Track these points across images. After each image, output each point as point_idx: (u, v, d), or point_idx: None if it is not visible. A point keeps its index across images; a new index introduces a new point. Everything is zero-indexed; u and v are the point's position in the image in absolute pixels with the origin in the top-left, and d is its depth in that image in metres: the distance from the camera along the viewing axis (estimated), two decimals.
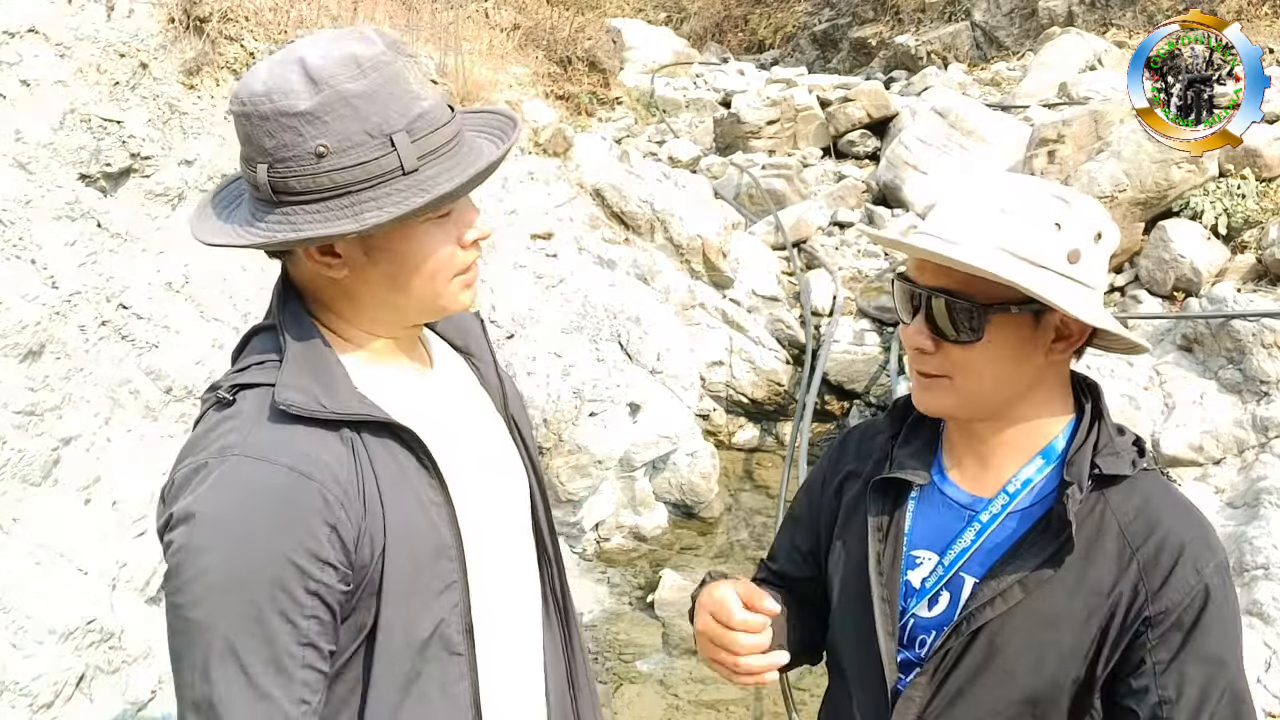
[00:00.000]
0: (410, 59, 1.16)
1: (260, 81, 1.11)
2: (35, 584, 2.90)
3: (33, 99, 3.82)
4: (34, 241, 3.56)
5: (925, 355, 1.23)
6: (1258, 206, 5.61)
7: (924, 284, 1.22)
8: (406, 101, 1.12)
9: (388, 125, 1.10)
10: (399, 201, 1.11)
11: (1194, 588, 1.16)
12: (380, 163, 1.10)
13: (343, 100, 1.09)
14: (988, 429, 1.28)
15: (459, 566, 1.20)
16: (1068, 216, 1.18)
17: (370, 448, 1.15)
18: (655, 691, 3.91)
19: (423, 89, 1.14)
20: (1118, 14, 12.17)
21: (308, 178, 1.10)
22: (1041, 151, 6.88)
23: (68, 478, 3.28)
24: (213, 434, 1.13)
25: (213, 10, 4.50)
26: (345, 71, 1.09)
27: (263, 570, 1.05)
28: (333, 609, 1.10)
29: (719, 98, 11.34)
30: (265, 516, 1.06)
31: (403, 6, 6.38)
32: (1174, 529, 1.20)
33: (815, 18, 17.35)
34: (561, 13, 9.09)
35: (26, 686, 2.72)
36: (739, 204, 7.76)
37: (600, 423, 4.87)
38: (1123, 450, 1.25)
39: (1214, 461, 4.42)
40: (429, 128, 1.13)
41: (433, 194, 1.12)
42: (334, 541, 1.09)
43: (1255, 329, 4.57)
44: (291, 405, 1.11)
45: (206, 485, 1.07)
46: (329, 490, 1.09)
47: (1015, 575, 1.21)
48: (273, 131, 1.09)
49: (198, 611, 1.05)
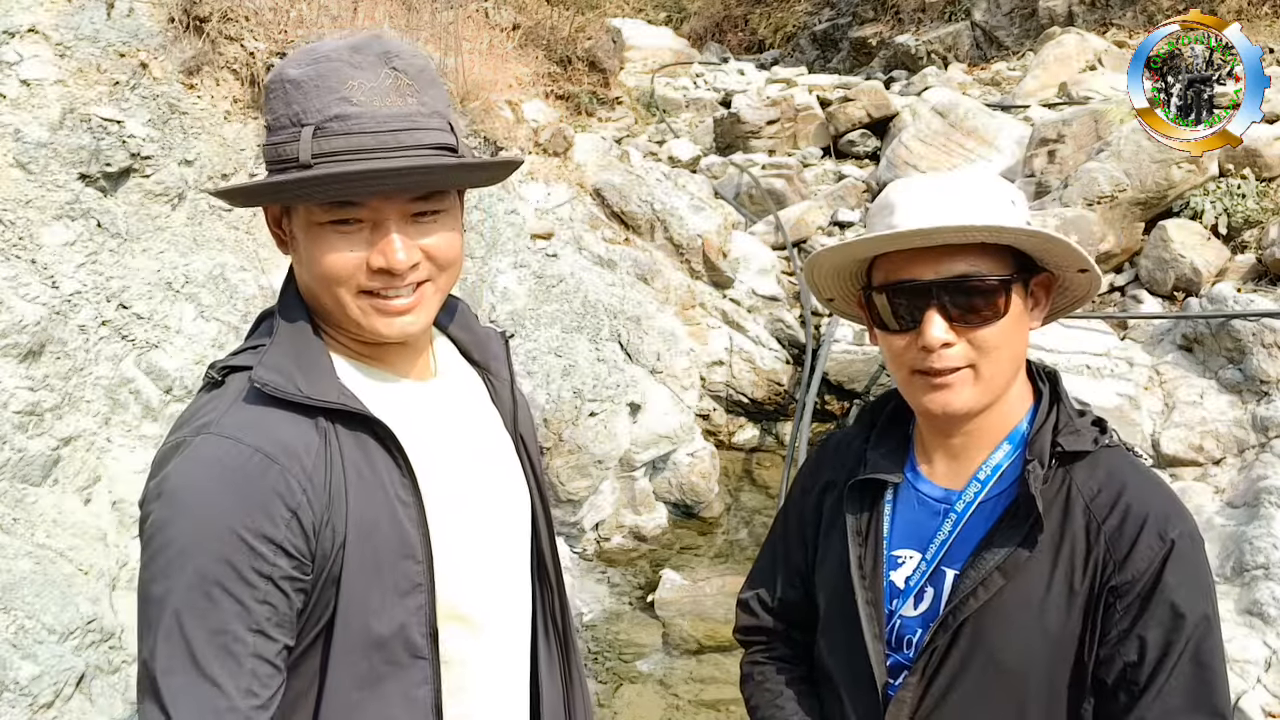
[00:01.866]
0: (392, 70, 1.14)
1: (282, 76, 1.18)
2: (35, 584, 2.90)
3: (33, 99, 3.82)
4: (34, 241, 3.56)
5: (946, 351, 1.21)
6: (1258, 206, 5.61)
7: (934, 278, 1.21)
8: (328, 100, 1.11)
9: (304, 116, 1.12)
10: (266, 184, 1.15)
11: (1156, 553, 1.17)
12: (286, 148, 1.13)
13: (280, 82, 1.14)
14: (976, 420, 1.29)
15: (425, 570, 1.18)
16: (1015, 195, 1.26)
17: (343, 439, 1.14)
18: (655, 691, 3.91)
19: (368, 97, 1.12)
20: (1118, 14, 12.16)
21: (262, 147, 1.19)
22: (1041, 151, 6.88)
23: (68, 478, 3.28)
24: (196, 413, 1.14)
25: (213, 10, 4.50)
26: (301, 58, 1.14)
27: (213, 544, 1.03)
28: (288, 596, 1.08)
29: (719, 98, 11.34)
30: (223, 493, 1.06)
31: (403, 6, 6.38)
32: (1136, 499, 1.21)
33: (815, 17, 17.34)
34: (561, 13, 9.08)
35: (26, 686, 2.72)
36: (739, 204, 7.76)
37: (600, 423, 4.87)
38: (1083, 429, 1.27)
39: (1214, 461, 4.42)
40: (342, 130, 1.11)
41: (275, 179, 1.13)
42: (293, 527, 1.07)
43: (1255, 329, 4.57)
44: (267, 386, 1.11)
45: (176, 462, 1.08)
46: (292, 475, 1.08)
47: (994, 561, 1.22)
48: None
49: (155, 586, 1.05)
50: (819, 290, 1.40)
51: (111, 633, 3.03)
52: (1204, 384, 4.70)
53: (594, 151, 6.64)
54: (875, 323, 1.29)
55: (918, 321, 1.22)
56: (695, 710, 3.76)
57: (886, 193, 1.28)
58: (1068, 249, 1.22)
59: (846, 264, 1.32)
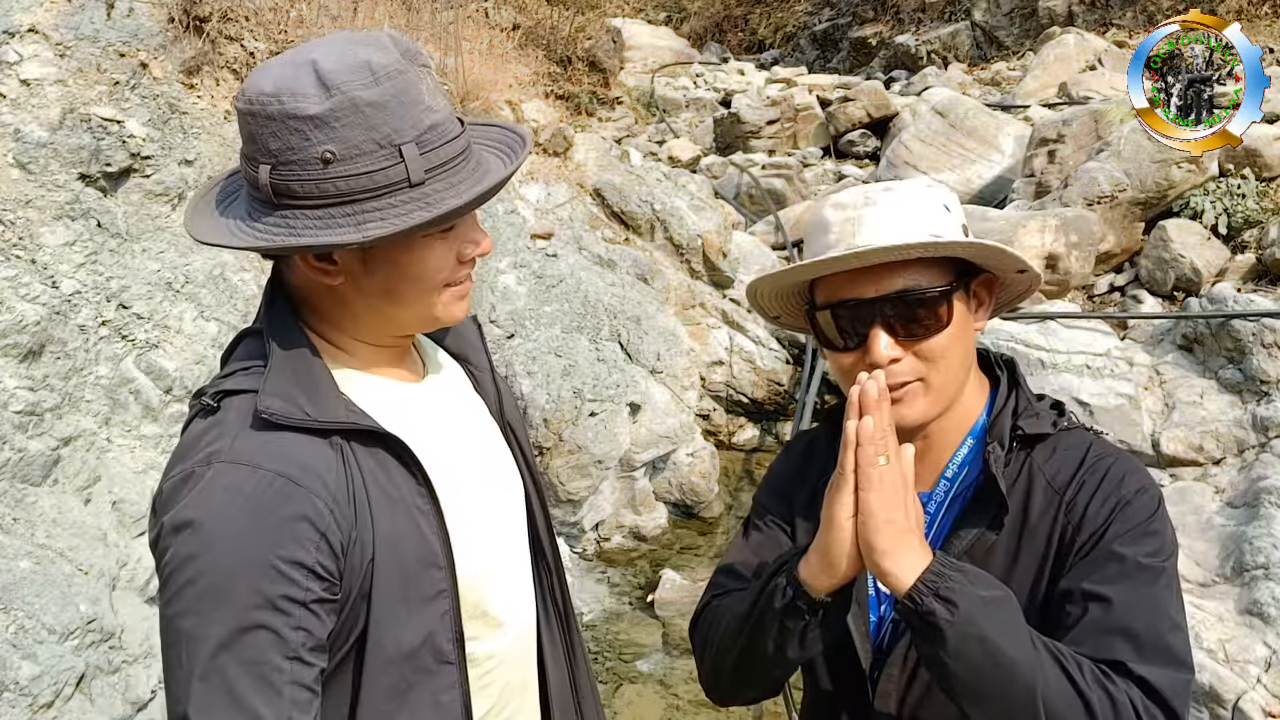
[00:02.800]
0: (424, 69, 1.13)
1: (270, 80, 1.08)
2: (35, 584, 2.90)
3: (33, 99, 3.82)
4: (34, 241, 3.56)
5: (895, 366, 1.22)
6: (1258, 206, 5.62)
7: (875, 295, 1.21)
8: (418, 113, 1.09)
9: (397, 136, 1.08)
10: (403, 214, 1.09)
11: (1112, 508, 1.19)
12: (387, 173, 1.08)
13: (353, 107, 1.06)
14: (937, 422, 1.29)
15: (448, 575, 1.18)
16: (948, 200, 1.26)
17: (359, 455, 1.13)
18: (655, 691, 3.91)
19: (435, 100, 1.12)
20: (1118, 14, 12.17)
21: (311, 183, 1.08)
22: (1041, 151, 6.88)
23: (68, 478, 3.28)
24: (199, 442, 1.10)
25: (213, 10, 4.50)
26: (358, 78, 1.07)
27: (248, 578, 1.02)
28: (322, 619, 1.07)
29: (719, 98, 11.34)
30: (250, 522, 1.04)
31: (403, 6, 6.38)
32: (1094, 468, 1.22)
33: (815, 17, 17.35)
34: (561, 13, 9.08)
35: (26, 686, 2.72)
36: (739, 204, 7.76)
37: (600, 423, 4.87)
38: (1042, 412, 1.29)
39: (1214, 461, 4.42)
40: (438, 140, 1.11)
41: (438, 209, 1.10)
42: (322, 549, 1.06)
43: (1255, 329, 4.57)
44: (274, 414, 1.09)
45: (194, 493, 1.05)
46: (318, 497, 1.07)
47: (961, 546, 1.23)
48: (278, 133, 1.07)
49: (186, 622, 1.03)
50: (764, 311, 1.40)
51: (111, 633, 3.03)
52: (1204, 384, 4.70)
53: (594, 151, 6.64)
54: (822, 341, 1.29)
55: (863, 339, 1.22)
56: (695, 710, 3.76)
57: (820, 210, 1.27)
58: (1002, 254, 1.23)
59: (788, 286, 1.33)
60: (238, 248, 1.13)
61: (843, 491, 1.13)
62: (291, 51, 1.13)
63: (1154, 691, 1.10)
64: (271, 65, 1.11)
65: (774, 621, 1.19)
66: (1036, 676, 1.07)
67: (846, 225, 1.22)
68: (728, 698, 1.41)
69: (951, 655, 1.07)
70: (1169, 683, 1.11)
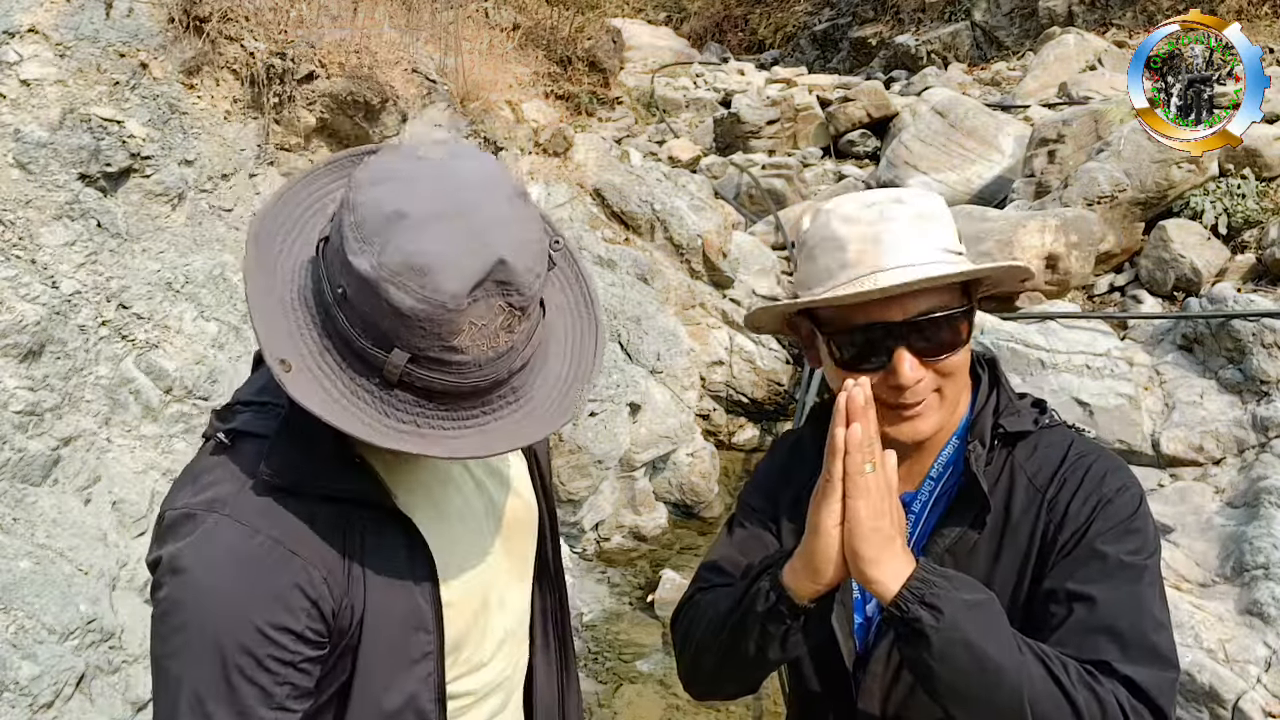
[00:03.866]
0: (504, 308, 1.00)
1: (370, 190, 1.00)
2: (35, 584, 2.90)
3: (33, 99, 3.82)
4: (34, 241, 3.56)
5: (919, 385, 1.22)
6: (1258, 206, 5.62)
7: (903, 319, 1.20)
8: (433, 343, 0.99)
9: (399, 342, 0.99)
10: (354, 410, 1.02)
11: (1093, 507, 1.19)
12: (369, 353, 1.01)
13: (376, 295, 0.97)
14: None
15: (435, 639, 1.18)
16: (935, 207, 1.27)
17: (360, 523, 1.12)
18: (655, 691, 3.91)
19: (479, 345, 1.00)
20: (1118, 14, 12.17)
21: (328, 291, 1.03)
22: (1041, 151, 6.89)
23: (68, 478, 3.28)
24: (205, 478, 1.10)
25: (213, 10, 4.50)
26: (406, 278, 0.96)
27: (236, 639, 1.04)
28: (308, 674, 1.09)
29: (719, 98, 11.34)
30: (243, 586, 1.05)
31: (403, 6, 6.38)
32: (1075, 465, 1.23)
33: (815, 17, 17.35)
34: (561, 13, 9.08)
35: (26, 686, 2.72)
36: (739, 204, 7.76)
37: (600, 423, 4.87)
38: (1023, 410, 1.30)
39: (1214, 461, 4.42)
40: (439, 372, 1.01)
41: (383, 437, 1.02)
42: (313, 615, 1.07)
43: (1255, 329, 4.57)
44: (277, 478, 1.08)
45: (192, 540, 1.06)
46: (313, 567, 1.07)
47: (944, 544, 1.24)
48: (337, 227, 1.01)
49: (173, 663, 1.05)
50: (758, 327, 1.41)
51: (111, 633, 3.03)
52: (1204, 384, 4.70)
53: (594, 151, 6.64)
54: (837, 361, 1.27)
55: (885, 360, 1.21)
56: (695, 710, 3.76)
57: (827, 223, 1.25)
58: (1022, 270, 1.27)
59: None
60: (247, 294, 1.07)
61: (830, 499, 1.13)
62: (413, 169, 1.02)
63: (1140, 690, 1.10)
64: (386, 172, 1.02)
65: (756, 624, 1.19)
66: (1022, 679, 1.07)
67: (865, 245, 1.21)
68: (706, 693, 1.42)
69: (937, 660, 1.07)
70: (1155, 681, 1.11)
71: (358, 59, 5.06)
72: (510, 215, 1.01)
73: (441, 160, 1.03)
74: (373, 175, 1.02)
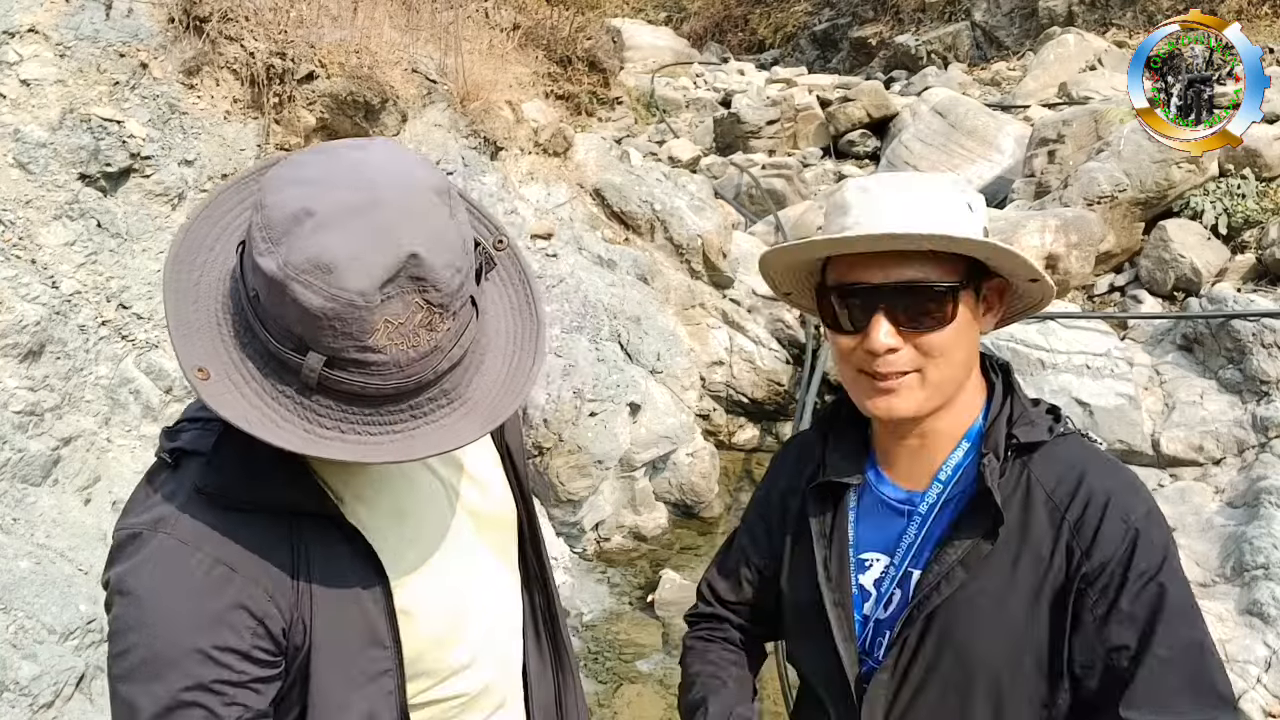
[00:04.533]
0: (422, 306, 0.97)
1: (277, 190, 0.98)
2: (35, 584, 2.90)
3: (33, 99, 3.82)
4: (34, 241, 3.56)
5: (892, 355, 1.21)
6: (1258, 206, 5.62)
7: (879, 280, 1.20)
8: (347, 344, 0.96)
9: (314, 345, 0.96)
10: (268, 416, 0.99)
11: (1123, 536, 1.16)
12: (285, 355, 0.98)
13: (282, 296, 0.95)
14: (929, 422, 1.28)
15: (393, 654, 1.15)
16: (972, 200, 1.24)
17: (306, 533, 1.10)
18: (655, 691, 3.91)
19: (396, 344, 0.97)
20: (1118, 14, 12.17)
21: (244, 295, 1.00)
22: (1041, 151, 6.89)
23: (68, 478, 3.28)
24: (150, 498, 1.09)
25: (213, 10, 4.50)
26: (311, 276, 0.93)
27: (180, 661, 1.02)
28: (259, 693, 1.06)
29: (719, 98, 11.35)
30: (187, 608, 1.03)
31: (403, 6, 6.38)
32: (1097, 485, 1.20)
33: (815, 18, 17.35)
34: (561, 13, 9.09)
35: (26, 686, 2.72)
36: (739, 204, 7.76)
37: (600, 423, 4.87)
38: (1038, 419, 1.27)
39: (1214, 461, 4.43)
40: (359, 374, 0.98)
41: (299, 445, 0.99)
42: (260, 633, 1.05)
43: (1255, 329, 4.57)
44: (218, 496, 1.06)
45: (136, 560, 1.04)
46: (258, 585, 1.05)
47: (955, 556, 1.22)
48: (250, 233, 0.98)
49: (123, 686, 1.03)
50: (775, 285, 1.40)
51: None
52: (1204, 384, 4.70)
53: (594, 151, 6.65)
54: (826, 322, 1.29)
55: (864, 323, 1.22)
56: None
57: (843, 191, 1.27)
58: (1015, 259, 1.22)
59: (800, 262, 1.33)
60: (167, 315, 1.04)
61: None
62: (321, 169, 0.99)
63: None
64: (293, 174, 1.00)
65: None
66: None
67: (866, 208, 1.21)
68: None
69: None
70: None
71: (358, 59, 5.06)
72: (426, 210, 0.97)
73: (357, 158, 1.00)
74: (284, 174, 0.99)
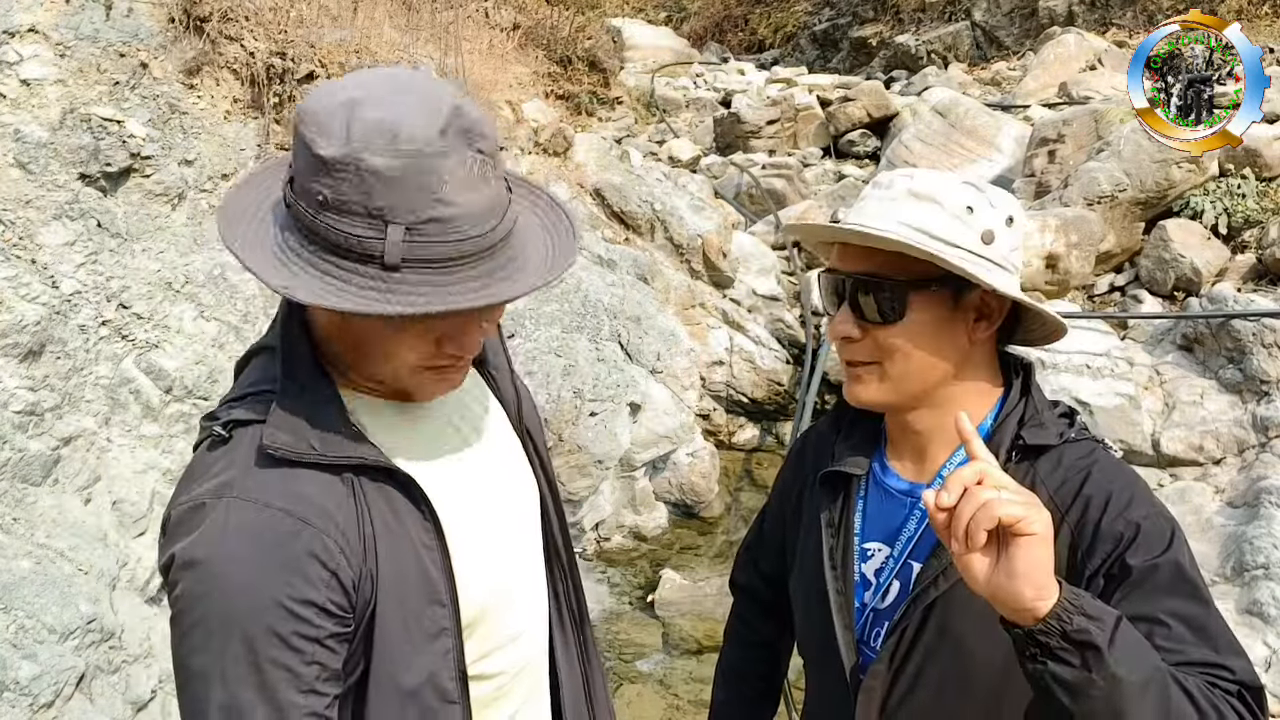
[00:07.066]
0: (476, 154, 1.04)
1: (316, 100, 1.05)
2: (35, 584, 2.90)
3: (33, 99, 3.82)
4: (34, 241, 3.56)
5: (853, 343, 1.26)
6: (1258, 206, 5.62)
7: (846, 270, 1.26)
8: (424, 200, 1.01)
9: (390, 213, 1.01)
10: (361, 294, 1.03)
11: (1123, 533, 1.15)
12: (366, 243, 1.02)
13: (356, 168, 1.00)
14: (921, 417, 1.30)
15: (451, 613, 1.17)
16: (979, 201, 1.23)
17: (368, 490, 1.12)
18: (655, 691, 3.91)
19: (461, 194, 1.03)
20: (1118, 14, 12.17)
21: (307, 216, 1.04)
22: (1041, 151, 6.88)
23: (68, 478, 3.28)
24: (210, 470, 1.09)
25: (213, 10, 4.50)
26: (376, 141, 1.00)
27: (257, 617, 1.02)
28: (334, 651, 1.07)
29: (719, 97, 11.34)
30: (260, 562, 1.03)
31: (403, 6, 6.38)
32: (1099, 487, 1.19)
33: (815, 17, 17.35)
34: (561, 12, 9.08)
35: (26, 686, 2.72)
36: (739, 204, 7.76)
37: (600, 423, 4.87)
38: (1049, 422, 1.27)
39: (1214, 461, 4.42)
40: (441, 236, 1.03)
41: (394, 307, 1.03)
42: (333, 586, 1.06)
43: (1255, 329, 4.57)
44: (280, 450, 1.07)
45: (203, 528, 1.05)
46: (328, 535, 1.06)
47: None
48: (299, 152, 1.05)
49: (196, 659, 1.03)
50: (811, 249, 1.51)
51: (112, 633, 3.03)
52: (1204, 384, 4.70)
53: (594, 151, 6.64)
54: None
55: (835, 309, 1.28)
56: (695, 710, 3.76)
57: (881, 174, 1.33)
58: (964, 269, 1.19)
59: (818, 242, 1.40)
60: (230, 249, 1.09)
61: None
62: (353, 78, 1.08)
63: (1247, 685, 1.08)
64: (327, 87, 1.07)
65: None
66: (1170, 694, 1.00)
67: (868, 203, 1.26)
68: None
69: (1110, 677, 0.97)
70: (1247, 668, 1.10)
71: (358, 59, 5.06)
72: (451, 88, 1.07)
73: (381, 70, 1.11)
74: (315, 96, 1.06)
